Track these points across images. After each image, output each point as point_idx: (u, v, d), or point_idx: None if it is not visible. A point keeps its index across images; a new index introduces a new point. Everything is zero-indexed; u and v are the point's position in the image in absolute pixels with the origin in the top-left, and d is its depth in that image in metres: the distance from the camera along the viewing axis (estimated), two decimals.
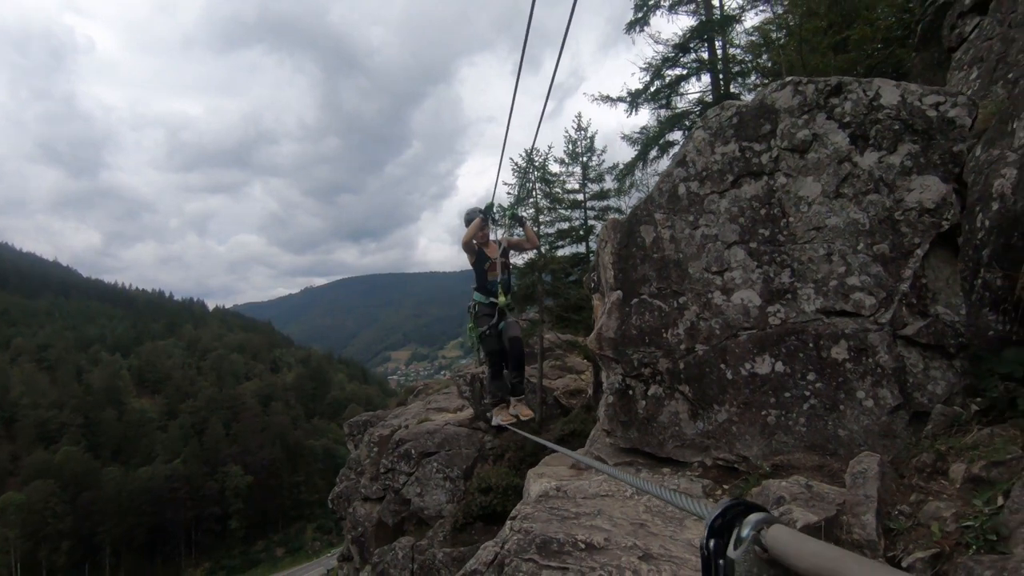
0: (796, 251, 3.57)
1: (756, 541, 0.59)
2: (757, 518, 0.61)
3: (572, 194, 14.24)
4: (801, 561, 0.52)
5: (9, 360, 71.66)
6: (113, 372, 73.88)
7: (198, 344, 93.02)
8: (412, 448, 12.22)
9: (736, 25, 12.48)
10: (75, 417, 65.63)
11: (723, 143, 3.89)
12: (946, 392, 3.15)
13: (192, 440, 66.94)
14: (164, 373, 79.68)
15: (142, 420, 70.09)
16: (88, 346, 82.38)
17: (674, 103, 13.27)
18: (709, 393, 3.78)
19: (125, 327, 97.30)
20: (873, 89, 3.45)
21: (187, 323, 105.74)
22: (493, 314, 5.80)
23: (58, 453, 58.21)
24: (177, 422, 69.87)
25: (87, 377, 72.47)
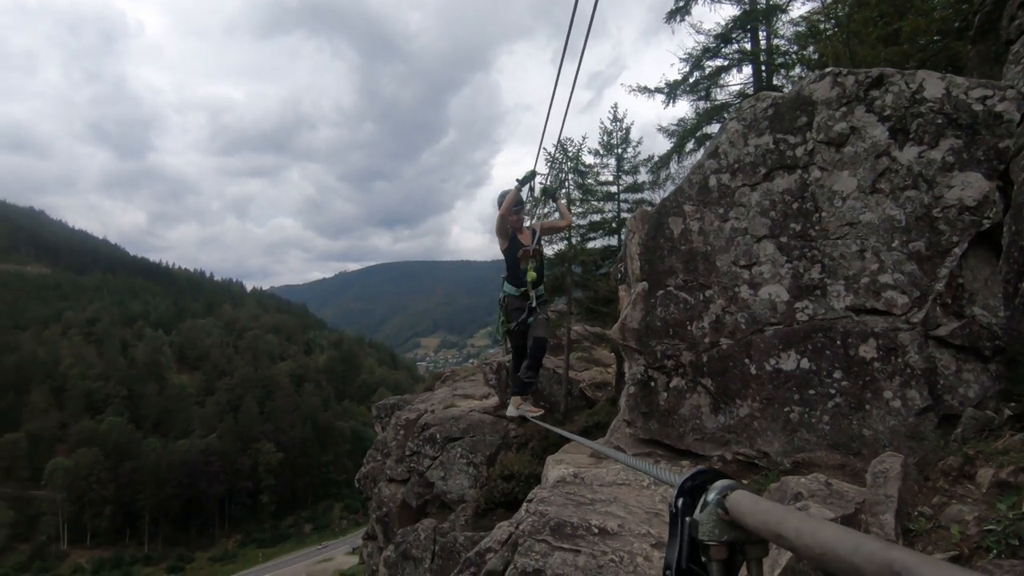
0: (828, 247, 3.50)
1: (719, 504, 0.63)
2: (723, 484, 0.65)
3: (605, 186, 14.11)
4: (753, 519, 0.56)
5: (60, 332, 75.34)
6: (156, 347, 76.90)
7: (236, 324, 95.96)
8: (437, 432, 12.41)
9: (781, 15, 12.11)
10: (120, 389, 68.70)
11: (757, 135, 3.82)
12: (979, 396, 3.06)
13: (227, 416, 69.31)
14: (203, 350, 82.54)
15: (181, 395, 72.90)
16: (133, 321, 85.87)
17: (714, 95, 12.98)
18: (732, 387, 3.75)
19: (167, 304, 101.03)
20: (916, 81, 3.34)
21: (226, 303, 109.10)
22: (524, 308, 5.44)
23: (103, 423, 61.11)
24: (214, 398, 72.41)
25: (132, 351, 75.64)
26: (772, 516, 0.54)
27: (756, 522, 0.57)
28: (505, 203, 5.34)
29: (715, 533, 0.64)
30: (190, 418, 69.96)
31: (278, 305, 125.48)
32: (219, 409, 70.47)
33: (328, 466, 71.62)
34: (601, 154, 14.12)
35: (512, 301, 5.53)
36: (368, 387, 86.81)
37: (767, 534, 0.55)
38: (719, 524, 0.64)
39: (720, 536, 0.64)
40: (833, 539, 0.44)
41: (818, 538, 0.46)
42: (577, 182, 13.41)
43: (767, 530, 0.54)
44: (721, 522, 0.64)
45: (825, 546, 0.44)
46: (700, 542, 0.65)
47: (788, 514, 0.52)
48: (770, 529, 0.54)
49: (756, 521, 0.57)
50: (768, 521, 0.54)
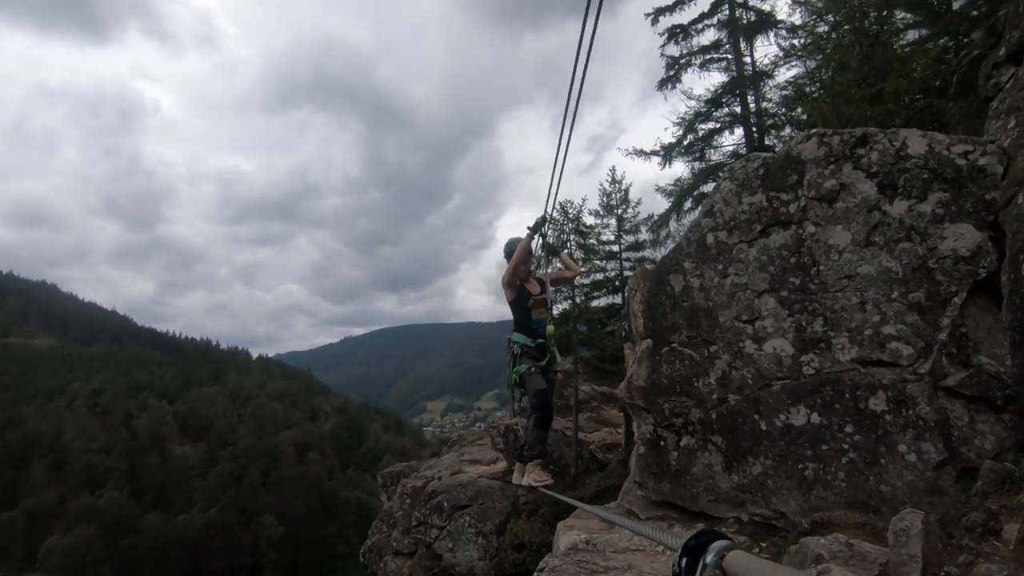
0: (828, 299, 3.53)
1: (717, 566, 0.64)
2: (720, 545, 0.67)
3: (607, 245, 14.35)
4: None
5: (64, 404, 74.81)
6: (159, 418, 76.01)
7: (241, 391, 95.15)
8: (445, 500, 12.04)
9: (768, 80, 12.68)
10: (121, 462, 67.39)
11: (750, 193, 3.94)
12: (995, 447, 2.99)
13: (230, 488, 67.47)
14: (207, 420, 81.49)
15: (184, 467, 71.34)
16: (138, 392, 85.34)
17: (708, 155, 13.41)
18: (743, 444, 3.68)
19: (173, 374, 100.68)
20: (899, 139, 3.48)
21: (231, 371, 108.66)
22: (540, 357, 5.16)
23: (103, 498, 59.52)
24: (216, 469, 70.76)
25: (135, 422, 74.74)
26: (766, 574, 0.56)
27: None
28: (518, 252, 5.22)
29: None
30: (192, 491, 68.15)
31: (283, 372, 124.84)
32: (221, 481, 68.72)
33: (332, 539, 68.86)
34: (602, 214, 14.45)
35: (528, 351, 5.22)
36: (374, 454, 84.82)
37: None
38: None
39: None
40: None
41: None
42: (579, 242, 13.63)
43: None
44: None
45: None
46: None
47: (776, 570, 0.54)
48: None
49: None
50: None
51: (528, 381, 5.06)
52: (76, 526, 54.67)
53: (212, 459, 74.10)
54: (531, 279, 5.43)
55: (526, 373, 5.03)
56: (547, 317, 5.25)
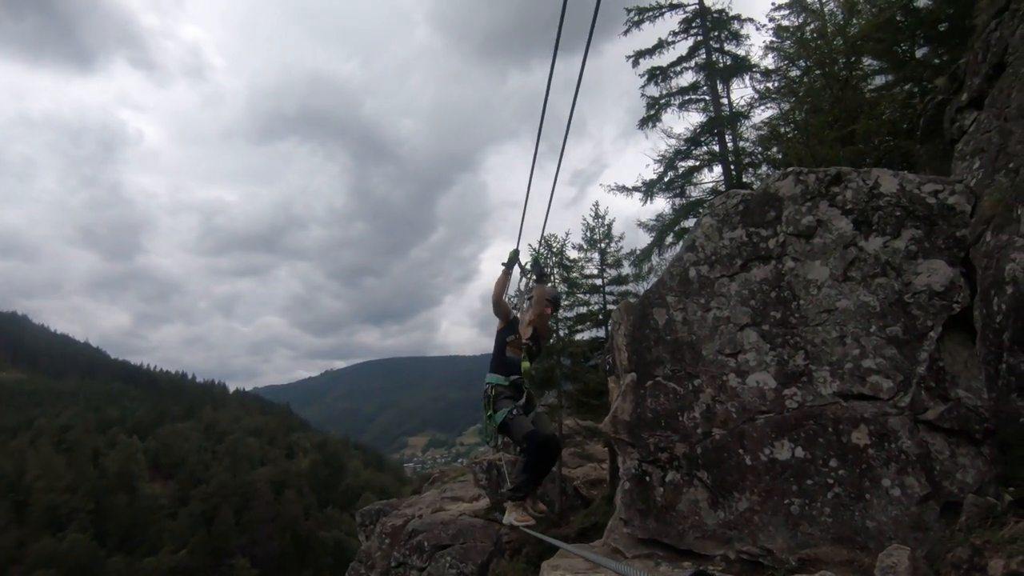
0: (809, 333, 3.58)
1: None
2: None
3: (590, 279, 14.47)
4: None
5: (29, 441, 71.83)
6: (129, 455, 73.23)
7: (216, 427, 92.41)
8: (425, 540, 11.70)
9: (744, 120, 13.13)
10: (86, 502, 64.46)
11: (730, 229, 4.02)
12: (977, 481, 3.01)
13: (201, 529, 64.79)
14: (179, 457, 78.73)
15: (153, 506, 68.45)
16: (108, 428, 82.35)
17: (688, 192, 13.72)
18: (729, 480, 3.66)
19: (146, 408, 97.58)
20: (872, 178, 3.60)
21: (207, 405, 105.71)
22: (517, 396, 4.83)
23: (64, 541, 56.68)
24: (187, 509, 68.04)
25: (103, 460, 71.92)
26: None
27: None
28: (495, 290, 5.08)
29: None
30: (160, 532, 65.25)
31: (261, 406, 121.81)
32: (192, 521, 65.99)
33: None
34: (585, 248, 14.62)
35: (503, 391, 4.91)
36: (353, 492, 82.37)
37: None
38: None
39: None
40: None
41: None
42: (563, 275, 13.72)
43: None
44: None
45: None
46: None
47: None
48: None
49: None
50: None
51: (512, 426, 4.69)
52: (35, 570, 51.78)
53: (183, 498, 71.29)
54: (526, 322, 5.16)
55: (508, 418, 4.66)
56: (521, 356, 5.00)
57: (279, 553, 64.95)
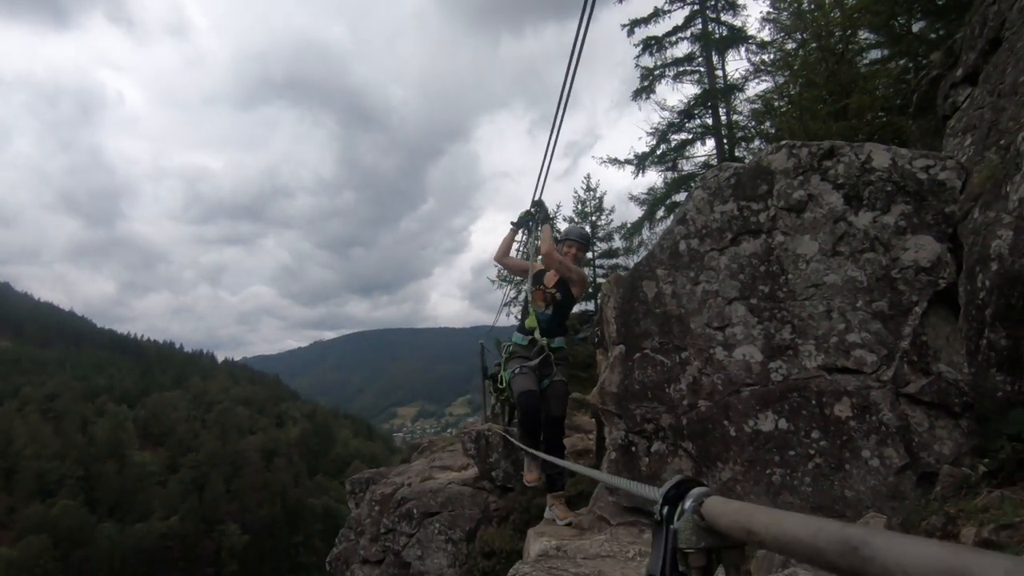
0: (796, 307, 3.60)
1: (695, 511, 0.65)
2: (699, 491, 0.67)
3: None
4: (726, 520, 0.58)
5: (16, 409, 71.58)
6: (117, 424, 73.37)
7: (205, 396, 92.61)
8: (414, 507, 11.87)
9: (739, 93, 13.01)
10: (76, 469, 64.75)
11: (722, 202, 4.01)
12: (953, 452, 3.09)
13: (191, 496, 65.49)
14: (168, 425, 79.00)
15: (142, 474, 68.94)
16: (96, 396, 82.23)
17: (680, 165, 13.67)
18: (712, 450, 3.72)
19: (134, 378, 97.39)
20: (864, 153, 3.58)
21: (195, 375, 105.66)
22: (530, 358, 4.39)
23: (54, 507, 57.04)
24: (177, 476, 68.61)
25: (91, 428, 71.96)
26: (742, 515, 0.57)
27: (729, 522, 0.59)
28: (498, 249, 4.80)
29: (693, 540, 0.65)
30: (150, 499, 65.86)
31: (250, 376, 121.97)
32: (182, 488, 66.64)
33: (298, 548, 67.37)
34: (576, 221, 14.55)
35: (518, 350, 4.55)
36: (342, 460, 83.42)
37: (739, 533, 0.56)
38: (696, 531, 0.65)
39: (698, 543, 0.65)
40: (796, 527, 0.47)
41: (784, 528, 0.48)
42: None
43: (739, 528, 0.56)
44: (698, 528, 0.65)
45: (790, 535, 0.47)
46: (680, 550, 0.66)
47: (756, 511, 0.55)
48: (742, 527, 0.56)
49: (729, 521, 0.59)
50: (739, 520, 0.57)
51: (513, 384, 4.39)
52: (26, 536, 52.22)
53: (173, 466, 71.84)
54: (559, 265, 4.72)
55: (512, 377, 4.33)
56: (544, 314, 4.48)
57: (269, 520, 65.98)
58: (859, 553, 0.39)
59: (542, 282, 4.69)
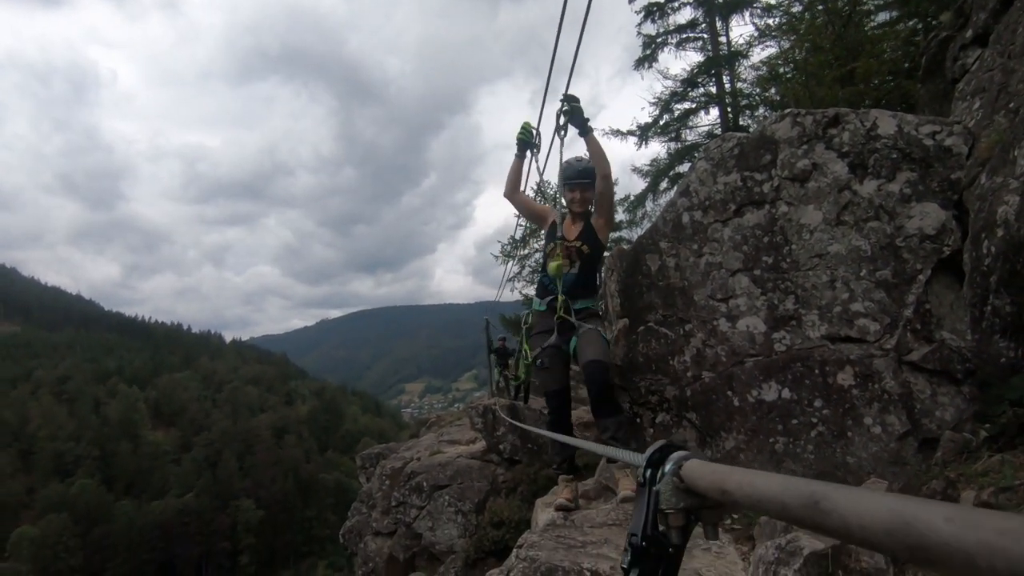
0: (800, 278, 3.60)
1: (675, 473, 0.68)
2: (679, 454, 0.71)
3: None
4: (703, 481, 0.61)
5: (29, 392, 72.75)
6: (130, 404, 74.53)
7: (214, 376, 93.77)
8: (424, 481, 12.10)
9: (743, 60, 12.75)
10: (91, 449, 66.07)
11: (725, 173, 3.97)
12: (955, 418, 3.12)
13: (205, 473, 66.85)
14: (180, 405, 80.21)
15: (156, 453, 70.33)
16: (107, 378, 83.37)
17: (684, 136, 13.48)
18: (716, 420, 3.76)
19: (143, 359, 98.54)
20: (870, 120, 3.53)
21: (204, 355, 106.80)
22: (551, 329, 3.67)
23: (73, 486, 58.40)
24: (191, 455, 69.96)
25: (104, 409, 73.16)
26: (718, 475, 0.59)
27: (706, 483, 0.61)
28: (507, 182, 4.05)
29: (673, 501, 0.68)
30: (166, 477, 67.33)
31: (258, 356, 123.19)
32: (196, 466, 67.99)
33: (311, 522, 68.99)
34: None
35: (538, 320, 3.82)
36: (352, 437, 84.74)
37: (715, 492, 0.59)
38: (676, 492, 0.69)
39: (677, 504, 0.68)
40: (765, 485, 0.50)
41: (755, 486, 0.51)
42: None
43: (715, 488, 0.59)
44: (678, 490, 0.68)
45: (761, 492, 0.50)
46: (661, 511, 0.70)
47: (731, 472, 0.58)
48: (717, 487, 0.58)
49: (706, 483, 0.61)
50: (715, 480, 0.59)
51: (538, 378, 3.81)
52: (46, 515, 53.62)
53: (186, 445, 73.20)
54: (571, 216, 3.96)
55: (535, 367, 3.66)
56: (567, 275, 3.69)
57: (282, 495, 67.41)
58: (820, 506, 0.41)
59: (559, 235, 3.79)
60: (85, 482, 59.22)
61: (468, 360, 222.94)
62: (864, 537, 0.37)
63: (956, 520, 0.30)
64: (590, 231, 3.84)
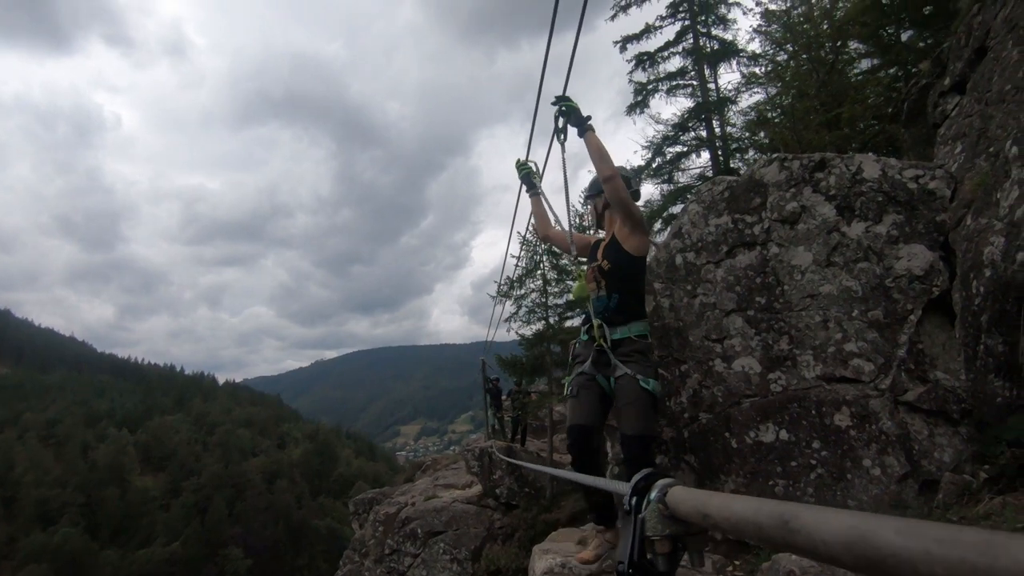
0: (793, 318, 3.63)
1: (660, 500, 0.68)
2: (663, 482, 0.71)
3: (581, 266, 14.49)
4: (686, 507, 0.61)
5: (16, 436, 71.18)
6: (119, 448, 72.89)
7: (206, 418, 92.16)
8: (418, 527, 11.80)
9: (732, 105, 13.15)
10: (77, 496, 64.20)
11: (716, 215, 4.05)
12: (954, 460, 3.09)
13: (194, 520, 64.88)
14: (170, 449, 78.49)
15: (144, 499, 68.33)
16: (97, 421, 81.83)
17: (676, 178, 13.75)
18: (715, 463, 3.72)
19: (135, 402, 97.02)
20: (855, 164, 3.64)
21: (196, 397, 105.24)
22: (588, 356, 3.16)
23: (56, 535, 56.46)
24: (180, 500, 68.02)
25: (92, 454, 71.49)
26: (700, 500, 0.60)
27: (688, 509, 0.62)
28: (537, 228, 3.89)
29: (658, 528, 0.68)
30: (153, 524, 65.23)
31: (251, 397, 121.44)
32: (185, 512, 66.02)
33: (302, 570, 66.54)
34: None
35: (580, 352, 3.31)
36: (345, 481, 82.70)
37: (697, 518, 0.60)
38: (661, 519, 0.68)
39: (663, 531, 0.68)
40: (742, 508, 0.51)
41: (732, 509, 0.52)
42: (552, 263, 13.74)
43: (697, 514, 0.60)
44: (663, 517, 0.68)
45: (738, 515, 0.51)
46: (647, 538, 0.70)
47: (712, 497, 0.58)
48: (699, 512, 0.59)
49: (688, 508, 0.62)
50: (697, 506, 0.60)
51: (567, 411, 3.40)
52: (27, 565, 51.61)
53: (175, 490, 71.25)
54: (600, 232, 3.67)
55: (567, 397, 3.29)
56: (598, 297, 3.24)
57: (272, 542, 65.27)
58: (789, 526, 0.43)
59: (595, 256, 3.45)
60: (68, 531, 57.29)
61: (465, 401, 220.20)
62: (828, 553, 0.40)
63: (904, 531, 0.33)
64: (613, 244, 3.32)
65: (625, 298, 3.18)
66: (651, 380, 3.00)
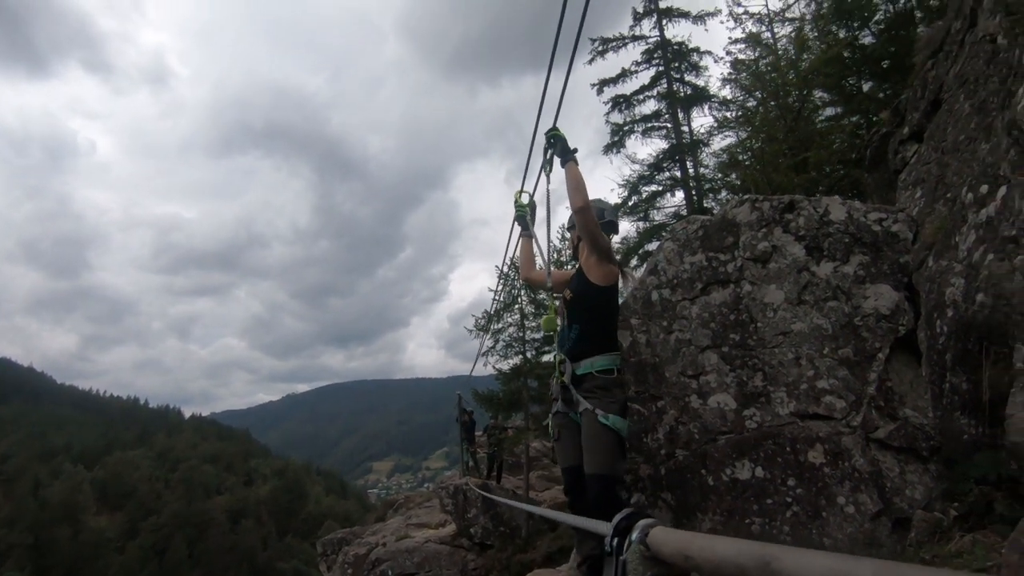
0: (766, 355, 3.69)
1: (642, 542, 0.67)
2: (645, 523, 0.70)
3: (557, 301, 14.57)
4: (668, 548, 0.61)
5: None
6: (73, 485, 69.28)
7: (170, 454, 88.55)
8: (389, 569, 11.39)
9: (705, 147, 13.62)
10: (25, 536, 60.47)
11: (691, 253, 4.15)
12: (925, 497, 3.14)
13: (151, 562, 61.56)
14: (129, 487, 74.90)
15: (99, 540, 64.69)
16: (52, 457, 77.95)
17: (652, 216, 14.07)
18: (692, 500, 3.70)
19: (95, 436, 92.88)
20: (823, 206, 3.78)
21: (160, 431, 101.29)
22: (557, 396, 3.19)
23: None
24: (136, 542, 64.59)
25: (44, 492, 67.79)
26: (681, 541, 0.60)
27: (671, 550, 0.62)
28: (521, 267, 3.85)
29: (640, 570, 0.67)
30: (107, 567, 61.61)
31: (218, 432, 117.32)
32: (142, 554, 62.64)
33: None
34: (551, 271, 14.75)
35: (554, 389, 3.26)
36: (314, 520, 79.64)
37: (679, 559, 0.59)
38: (643, 561, 0.67)
39: (645, 572, 0.67)
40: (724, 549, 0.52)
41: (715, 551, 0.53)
42: (530, 296, 13.80)
43: (679, 555, 0.59)
44: (644, 559, 0.67)
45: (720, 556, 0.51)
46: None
47: (694, 538, 0.58)
48: (681, 553, 0.59)
49: (671, 549, 0.62)
50: (679, 546, 0.60)
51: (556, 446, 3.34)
52: None
53: (132, 530, 67.70)
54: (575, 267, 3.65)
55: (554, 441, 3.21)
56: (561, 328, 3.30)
57: None
58: (771, 567, 0.44)
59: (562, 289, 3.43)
60: (14, 574, 53.79)
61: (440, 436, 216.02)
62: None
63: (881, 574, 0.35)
64: (579, 274, 3.28)
65: (587, 328, 3.13)
66: (611, 416, 2.92)
